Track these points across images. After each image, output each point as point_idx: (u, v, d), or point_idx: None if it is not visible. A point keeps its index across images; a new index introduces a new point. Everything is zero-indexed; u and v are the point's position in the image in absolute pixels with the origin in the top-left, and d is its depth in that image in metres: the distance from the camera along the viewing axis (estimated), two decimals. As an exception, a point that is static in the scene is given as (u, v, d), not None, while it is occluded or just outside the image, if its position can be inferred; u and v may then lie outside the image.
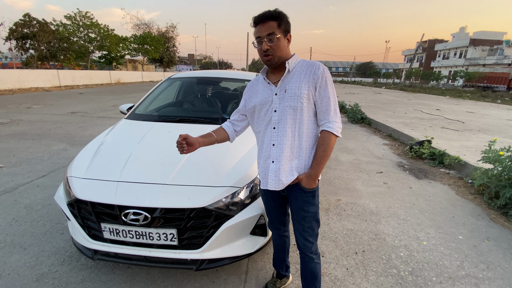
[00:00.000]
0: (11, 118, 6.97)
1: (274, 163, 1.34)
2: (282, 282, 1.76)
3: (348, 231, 2.42)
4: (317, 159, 1.31)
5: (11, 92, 13.37)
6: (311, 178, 1.32)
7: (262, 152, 1.41)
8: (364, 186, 3.39)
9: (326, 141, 1.29)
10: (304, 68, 1.32)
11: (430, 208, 2.91)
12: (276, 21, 1.23)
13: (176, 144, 1.41)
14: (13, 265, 1.89)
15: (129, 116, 2.53)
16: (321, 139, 1.31)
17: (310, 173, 1.32)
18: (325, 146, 1.29)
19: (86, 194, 1.55)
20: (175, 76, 3.07)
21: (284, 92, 1.30)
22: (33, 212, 2.56)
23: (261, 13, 1.25)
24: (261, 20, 1.23)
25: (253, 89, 1.44)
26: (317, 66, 1.30)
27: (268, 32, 1.22)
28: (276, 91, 1.32)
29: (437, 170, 4.07)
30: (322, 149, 1.30)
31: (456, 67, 42.79)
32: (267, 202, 1.53)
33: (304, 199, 1.36)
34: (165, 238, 1.52)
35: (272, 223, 1.59)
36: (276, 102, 1.32)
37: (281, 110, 1.31)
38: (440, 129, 6.62)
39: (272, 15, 1.23)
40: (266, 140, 1.37)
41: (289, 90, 1.29)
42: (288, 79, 1.31)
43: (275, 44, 1.24)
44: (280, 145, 1.32)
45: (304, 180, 1.33)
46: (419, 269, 1.98)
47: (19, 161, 3.90)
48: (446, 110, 10.64)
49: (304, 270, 1.51)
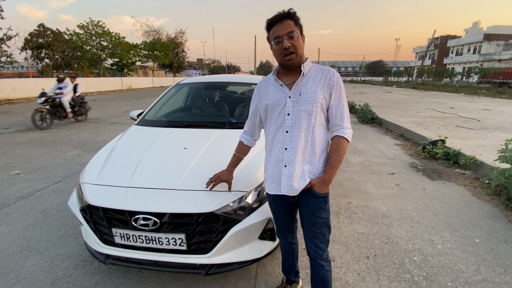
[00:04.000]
0: (27, 125, 7.24)
1: (286, 167, 1.32)
2: (292, 287, 1.74)
3: (359, 234, 2.38)
4: (330, 164, 1.30)
5: (28, 100, 13.91)
6: (324, 182, 1.30)
7: (271, 156, 1.38)
8: (376, 188, 3.32)
9: (340, 146, 1.30)
10: (318, 73, 1.31)
11: (445, 210, 2.82)
12: (293, 20, 1.24)
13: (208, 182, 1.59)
14: (30, 269, 1.95)
15: (139, 123, 2.59)
16: (335, 144, 1.31)
17: (324, 178, 1.31)
18: (339, 151, 1.29)
19: (97, 200, 1.59)
20: (183, 82, 3.12)
21: (299, 95, 1.28)
22: (49, 217, 2.64)
23: (276, 14, 1.25)
24: (278, 20, 1.23)
25: (264, 91, 1.42)
26: (332, 72, 1.31)
27: (288, 30, 1.22)
28: (290, 94, 1.30)
29: (452, 171, 3.94)
30: (336, 154, 1.30)
31: (470, 63, 41.55)
32: (275, 210, 1.50)
33: (316, 205, 1.34)
34: (174, 243, 1.54)
35: (280, 230, 1.56)
36: (289, 105, 1.30)
37: (295, 114, 1.29)
38: (455, 128, 6.42)
39: (289, 13, 1.24)
40: (277, 143, 1.35)
41: (304, 94, 1.28)
42: (303, 82, 1.30)
43: (296, 41, 1.24)
44: (293, 149, 1.30)
45: (317, 185, 1.31)
46: (434, 274, 1.91)
47: (35, 167, 4.05)
48: (460, 108, 10.33)
49: (315, 277, 1.48)
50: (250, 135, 1.57)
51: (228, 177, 1.56)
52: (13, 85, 14.75)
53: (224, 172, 1.57)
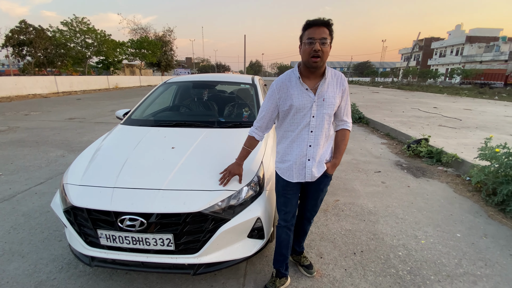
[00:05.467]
0: (8, 125, 6.96)
1: (310, 161, 1.54)
2: (281, 281, 1.77)
3: (346, 231, 2.43)
4: (340, 151, 1.63)
5: (9, 99, 13.35)
6: (335, 166, 1.64)
7: (293, 150, 1.56)
8: (362, 186, 3.40)
9: (347, 137, 1.63)
10: (334, 78, 1.50)
11: (428, 206, 2.91)
12: (329, 29, 1.35)
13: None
14: (12, 273, 1.88)
15: (125, 122, 2.53)
16: (343, 136, 1.62)
17: (335, 162, 1.63)
18: (345, 141, 1.63)
19: (82, 201, 1.55)
20: (171, 81, 3.07)
21: (323, 100, 1.47)
22: (31, 220, 2.55)
23: (316, 18, 1.36)
24: (317, 24, 1.34)
25: (286, 90, 1.52)
26: (343, 78, 1.52)
27: (322, 36, 1.33)
28: (315, 99, 1.47)
29: (435, 168, 4.08)
30: (344, 143, 1.63)
31: (453, 64, 42.99)
32: (285, 193, 1.64)
33: (325, 183, 1.66)
34: (161, 243, 1.52)
35: (286, 214, 1.67)
36: (314, 109, 1.48)
37: (319, 117, 1.48)
38: (438, 127, 6.64)
39: (328, 22, 1.35)
40: (302, 141, 1.53)
41: (327, 99, 1.47)
42: (325, 88, 1.47)
43: (325, 47, 1.35)
44: (317, 146, 1.53)
45: (330, 168, 1.62)
46: (418, 268, 1.98)
47: (17, 168, 3.90)
48: (443, 108, 10.68)
49: (299, 230, 1.86)
50: (262, 130, 1.67)
51: (239, 170, 1.68)
52: (-7, 83, 14.11)
53: (235, 166, 1.66)
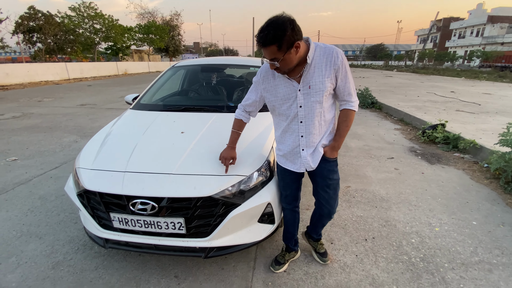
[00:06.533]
0: (23, 111, 7.13)
1: (304, 150, 1.45)
2: (290, 255, 1.84)
3: (357, 218, 2.39)
4: (340, 133, 1.45)
5: (22, 86, 13.63)
6: (334, 149, 1.47)
7: (285, 140, 1.48)
8: (374, 172, 3.32)
9: (349, 117, 1.43)
10: (323, 58, 1.30)
11: (443, 193, 2.83)
12: (276, 44, 1.15)
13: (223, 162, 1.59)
14: (30, 253, 1.96)
15: (134, 106, 2.52)
16: (344, 116, 1.43)
17: (334, 145, 1.47)
18: (347, 122, 1.43)
19: (94, 185, 1.56)
20: (179, 65, 3.02)
21: (309, 88, 1.32)
22: (47, 203, 2.63)
23: (260, 34, 1.15)
24: (261, 44, 1.18)
25: (269, 82, 1.42)
26: (336, 55, 1.30)
27: (271, 57, 1.22)
28: (300, 87, 1.33)
29: (451, 155, 3.94)
30: (345, 125, 1.44)
31: (473, 46, 40.82)
32: (283, 178, 1.60)
33: (328, 169, 1.50)
34: (173, 227, 1.53)
35: (286, 197, 1.65)
36: (300, 98, 1.35)
37: (307, 106, 1.35)
38: (455, 112, 6.38)
39: (272, 40, 1.14)
40: (292, 132, 1.44)
41: (313, 86, 1.32)
42: (310, 73, 1.31)
43: (281, 61, 1.23)
44: (309, 135, 1.41)
45: (328, 152, 1.47)
46: (431, 256, 1.94)
47: (32, 153, 4.01)
48: (461, 92, 10.23)
49: (317, 222, 1.75)
50: (249, 114, 1.63)
51: (233, 153, 1.61)
52: (6, 70, 14.35)
53: (228, 150, 1.60)
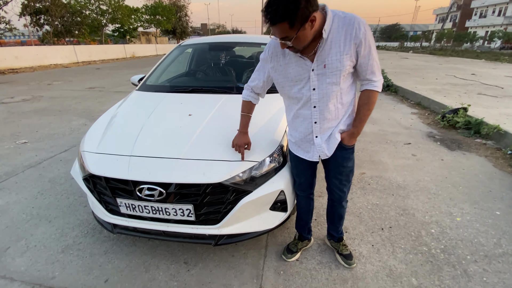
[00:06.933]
0: (32, 94, 7.15)
1: (318, 137, 1.31)
2: (303, 244, 1.76)
3: (373, 206, 2.29)
4: (360, 118, 1.28)
5: (32, 70, 13.69)
6: (353, 136, 1.31)
7: (297, 126, 1.34)
8: (391, 159, 3.17)
9: (371, 99, 1.24)
10: (341, 31, 1.10)
11: (465, 181, 2.67)
12: (287, 21, 0.98)
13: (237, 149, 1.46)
14: (39, 237, 1.95)
15: (140, 88, 2.41)
16: (365, 98, 1.24)
17: (353, 132, 1.30)
18: (369, 104, 1.24)
19: (99, 169, 1.50)
20: (185, 43, 2.85)
21: (324, 67, 1.14)
22: (57, 186, 2.63)
23: (268, 9, 0.97)
24: (270, 22, 1.00)
25: (278, 60, 1.24)
26: (358, 26, 1.09)
27: (282, 36, 1.05)
28: (313, 67, 1.15)
29: (472, 141, 3.72)
30: (366, 108, 1.25)
31: (494, 26, 38.37)
32: (297, 165, 1.49)
33: (344, 156, 1.36)
34: (181, 213, 1.46)
35: (300, 185, 1.55)
36: (314, 80, 1.17)
37: (322, 88, 1.18)
38: (477, 95, 6.02)
39: (281, 15, 0.96)
40: (304, 118, 1.29)
41: (329, 64, 1.13)
42: (326, 50, 1.12)
43: (293, 41, 1.06)
44: (323, 121, 1.26)
45: (346, 139, 1.31)
46: (452, 247, 1.83)
47: (42, 136, 4.01)
48: (482, 74, 9.66)
49: (332, 214, 1.62)
50: (257, 94, 1.49)
51: (246, 138, 1.49)
52: (15, 53, 14.39)
53: (240, 136, 1.48)
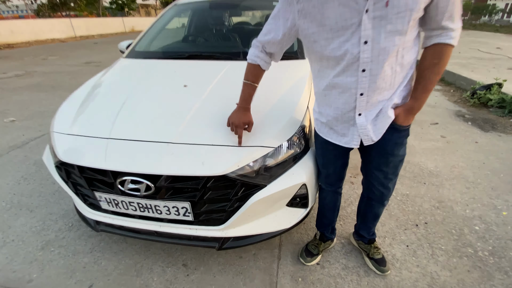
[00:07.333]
0: (26, 70, 6.76)
1: (362, 115, 0.94)
2: (325, 245, 1.46)
3: (403, 197, 1.96)
4: (425, 86, 0.90)
5: (28, 44, 13.11)
6: (412, 112, 0.95)
7: (331, 101, 0.97)
8: (418, 141, 2.80)
9: (444, 59, 0.85)
10: None
11: (505, 168, 2.31)
12: None
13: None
14: (18, 229, 1.69)
15: (128, 55, 2.02)
16: (437, 56, 0.86)
17: (412, 106, 0.94)
18: (440, 66, 0.86)
19: (70, 156, 1.17)
20: (182, 2, 2.39)
21: (385, 6, 0.74)
22: (43, 169, 2.35)
23: None
24: None
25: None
26: None
27: None
28: (368, 6, 0.75)
29: (507, 121, 3.30)
30: (434, 72, 0.88)
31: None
32: (325, 153, 1.18)
33: (395, 141, 1.02)
34: (176, 212, 1.16)
35: (327, 177, 1.27)
36: (367, 27, 0.78)
37: (378, 41, 0.79)
38: (507, 70, 5.45)
39: None
40: (344, 87, 0.90)
41: (394, 1, 0.73)
42: None
43: None
44: (374, 91, 0.88)
45: (402, 116, 0.95)
46: (502, 248, 1.52)
47: (31, 113, 3.70)
48: (508, 48, 8.87)
49: (366, 212, 1.34)
50: (270, 55, 1.06)
51: (247, 116, 1.12)
52: (11, 28, 13.70)
53: (241, 113, 1.10)
